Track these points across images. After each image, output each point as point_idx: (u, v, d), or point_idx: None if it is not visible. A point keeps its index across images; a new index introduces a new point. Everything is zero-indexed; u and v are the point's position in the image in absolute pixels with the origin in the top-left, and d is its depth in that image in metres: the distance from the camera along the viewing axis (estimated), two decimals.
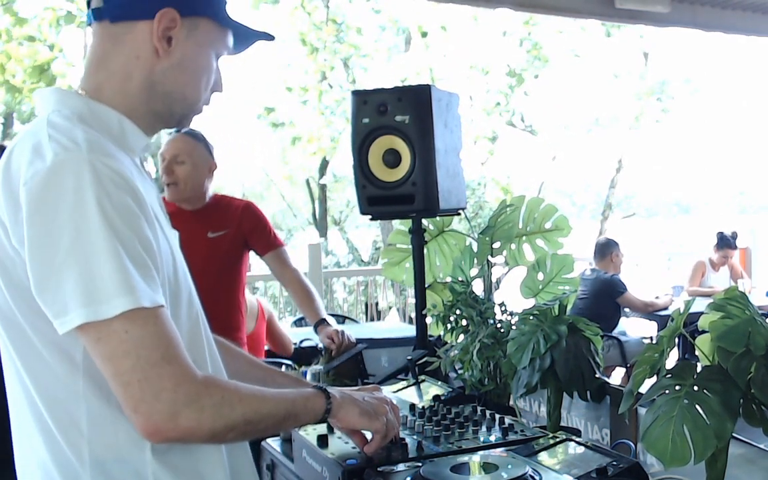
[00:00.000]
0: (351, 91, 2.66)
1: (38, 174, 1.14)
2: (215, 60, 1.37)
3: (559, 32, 12.98)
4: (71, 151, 1.16)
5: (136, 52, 1.29)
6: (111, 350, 1.12)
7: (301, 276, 3.13)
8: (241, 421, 1.21)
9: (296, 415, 1.34)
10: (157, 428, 1.14)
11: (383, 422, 1.48)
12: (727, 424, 1.31)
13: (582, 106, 14.74)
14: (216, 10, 1.35)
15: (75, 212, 1.13)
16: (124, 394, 1.14)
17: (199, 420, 1.16)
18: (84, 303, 1.11)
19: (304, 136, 12.49)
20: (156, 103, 1.33)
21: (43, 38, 10.44)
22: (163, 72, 1.31)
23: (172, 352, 1.16)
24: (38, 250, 1.13)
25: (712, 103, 17.38)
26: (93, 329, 1.12)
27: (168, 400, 1.13)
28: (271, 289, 9.16)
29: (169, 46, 1.30)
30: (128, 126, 1.31)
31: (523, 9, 7.21)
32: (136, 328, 1.13)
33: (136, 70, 1.30)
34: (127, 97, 1.30)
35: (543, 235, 2.42)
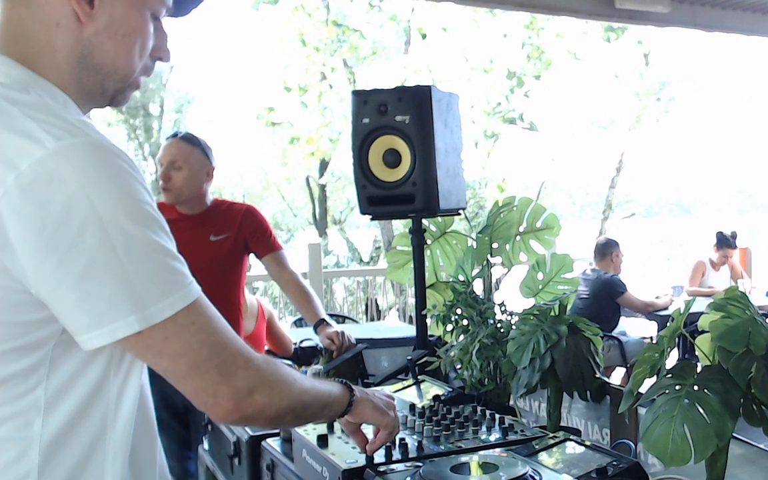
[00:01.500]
0: (351, 91, 2.66)
1: (40, 162, 0.97)
2: (152, 21, 1.16)
3: (560, 36, 12.99)
4: (74, 134, 1.00)
5: (54, 17, 1.09)
6: (183, 345, 1.05)
7: (299, 278, 3.14)
8: (298, 402, 1.21)
9: (331, 405, 1.35)
10: (236, 405, 1.10)
11: (392, 418, 1.49)
12: (728, 423, 1.31)
13: (582, 106, 14.76)
14: None
15: (98, 205, 0.98)
16: (201, 382, 1.08)
17: (270, 397, 1.14)
18: (133, 309, 1.00)
19: (303, 136, 12.50)
20: (86, 79, 1.13)
21: None
22: (89, 40, 1.11)
23: (233, 334, 1.13)
24: (54, 254, 0.98)
25: (712, 103, 17.43)
26: (154, 332, 1.03)
27: (245, 377, 1.10)
28: (271, 289, 9.17)
29: (92, 9, 1.10)
30: (71, 105, 1.12)
31: (523, 9, 7.21)
32: (200, 317, 1.07)
33: (58, 39, 1.10)
34: (60, 72, 1.11)
35: (535, 234, 2.42)
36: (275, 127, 13.04)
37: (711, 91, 17.04)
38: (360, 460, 1.52)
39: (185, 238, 2.99)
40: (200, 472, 2.64)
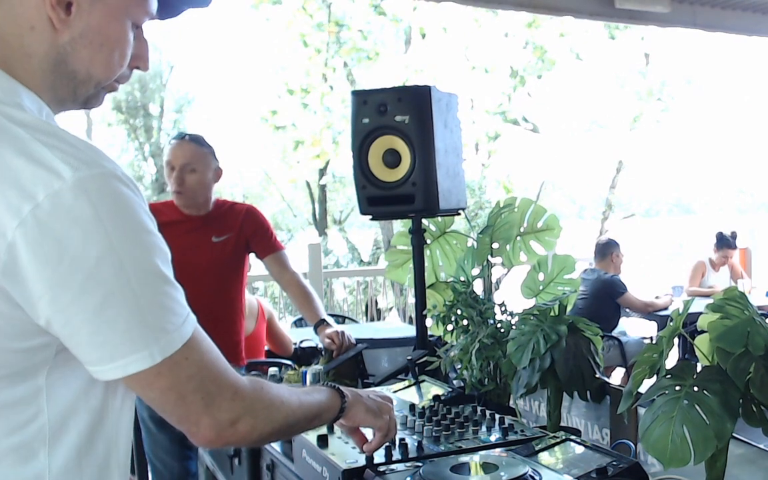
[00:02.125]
0: (351, 91, 2.66)
1: (59, 194, 0.95)
2: (132, 29, 1.12)
3: (562, 35, 12.98)
4: (90, 164, 0.98)
5: (29, 22, 1.05)
6: (174, 380, 1.05)
7: (300, 278, 3.14)
8: (284, 423, 1.23)
9: (321, 415, 1.35)
10: (218, 435, 1.12)
11: (386, 420, 1.48)
12: (727, 424, 1.31)
13: (583, 106, 14.76)
14: None
15: (115, 237, 0.98)
16: (185, 412, 1.09)
17: (254, 425, 1.16)
18: (145, 344, 1.01)
19: (307, 139, 12.49)
20: (60, 85, 1.09)
21: None
22: (63, 47, 1.06)
23: (223, 365, 1.13)
24: (72, 285, 0.96)
25: (712, 103, 17.41)
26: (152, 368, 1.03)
27: (228, 409, 1.12)
28: (272, 289, 9.17)
29: (68, 16, 1.05)
30: (46, 112, 1.09)
31: (524, 9, 7.22)
32: (194, 352, 1.07)
33: (32, 45, 1.05)
34: (33, 77, 1.07)
35: (535, 235, 2.42)
36: (279, 131, 13.05)
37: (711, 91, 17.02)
38: (360, 460, 1.52)
39: (188, 240, 3.02)
40: (200, 472, 2.64)
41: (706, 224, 14.07)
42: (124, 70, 1.14)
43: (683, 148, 19.31)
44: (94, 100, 1.15)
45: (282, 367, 2.83)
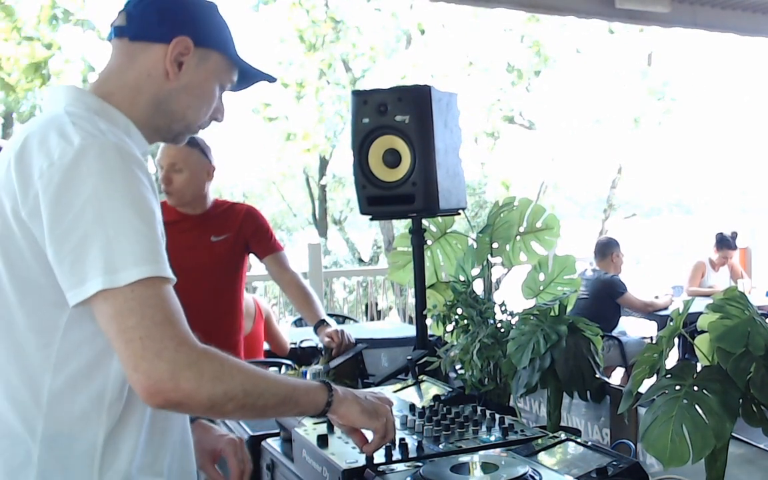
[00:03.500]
0: (351, 91, 2.66)
1: (67, 155, 1.22)
2: (219, 90, 1.49)
3: (563, 26, 12.95)
4: (98, 137, 1.25)
5: (148, 70, 1.41)
6: (116, 308, 1.18)
7: (300, 278, 3.14)
8: (240, 391, 1.25)
9: (297, 400, 1.36)
10: (158, 388, 1.17)
11: (383, 422, 1.48)
12: (727, 424, 1.31)
13: (583, 105, 14.73)
14: (227, 47, 1.48)
15: (101, 188, 1.20)
16: (125, 352, 1.17)
17: (199, 383, 1.19)
18: (103, 272, 1.17)
19: (299, 132, 12.48)
20: (158, 118, 1.44)
21: (40, 36, 10.45)
22: (169, 92, 1.42)
23: (175, 317, 1.21)
24: (62, 224, 1.19)
25: (713, 104, 17.41)
26: (101, 293, 1.18)
27: (169, 359, 1.17)
28: (271, 289, 9.17)
29: (179, 70, 1.42)
30: (133, 129, 1.40)
31: (523, 9, 7.21)
32: (143, 289, 1.19)
33: (146, 85, 1.41)
34: (134, 107, 1.41)
35: (535, 234, 2.42)
36: (271, 123, 13.01)
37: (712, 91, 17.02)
38: (360, 460, 1.52)
39: (186, 239, 3.02)
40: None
41: (706, 224, 14.07)
42: (208, 118, 1.51)
43: (684, 148, 19.31)
44: (181, 137, 1.51)
45: (282, 367, 2.83)
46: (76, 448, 1.27)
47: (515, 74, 13.26)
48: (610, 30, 13.28)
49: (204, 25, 1.46)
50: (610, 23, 12.10)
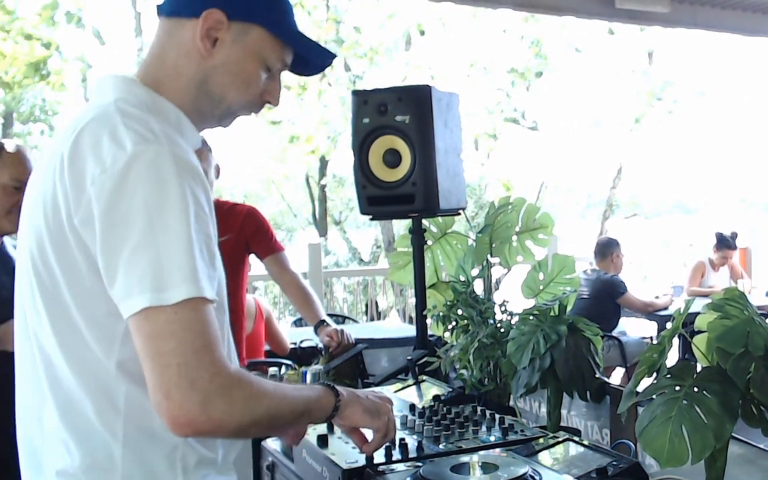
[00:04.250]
0: (351, 91, 2.66)
1: (119, 162, 1.16)
2: (264, 70, 1.36)
3: (563, 26, 12.94)
4: (151, 142, 1.18)
5: (185, 49, 1.32)
6: (157, 329, 1.13)
7: (300, 279, 3.14)
8: (265, 416, 1.23)
9: (310, 412, 1.36)
10: (188, 419, 1.13)
11: (385, 421, 1.48)
12: (726, 424, 1.31)
13: (585, 105, 14.72)
14: (271, 21, 1.35)
15: (153, 199, 1.15)
16: (160, 377, 1.13)
17: (230, 413, 1.16)
18: (151, 288, 1.13)
19: (302, 135, 12.48)
20: (202, 101, 1.35)
21: (39, 36, 10.46)
22: (206, 71, 1.32)
23: (214, 343, 1.17)
24: (113, 235, 1.15)
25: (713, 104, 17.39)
26: (145, 310, 1.13)
27: (202, 389, 1.13)
28: (271, 289, 9.18)
29: (213, 47, 1.31)
30: (184, 121, 1.33)
31: (523, 9, 7.21)
32: (186, 312, 1.14)
33: (185, 67, 1.32)
34: (179, 93, 1.33)
35: (530, 234, 2.42)
36: (275, 126, 13.01)
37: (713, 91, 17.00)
38: (360, 460, 1.52)
39: None
40: None
41: (708, 224, 14.06)
42: (255, 100, 1.39)
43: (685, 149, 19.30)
44: (228, 120, 1.41)
45: (282, 367, 2.83)
46: (157, 447, 1.24)
47: (516, 75, 13.25)
48: (610, 30, 13.27)
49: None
50: (610, 23, 12.10)
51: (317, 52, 1.43)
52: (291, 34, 1.38)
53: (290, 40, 1.38)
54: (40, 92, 12.32)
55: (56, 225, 1.21)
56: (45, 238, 1.23)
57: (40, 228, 1.24)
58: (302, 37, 1.39)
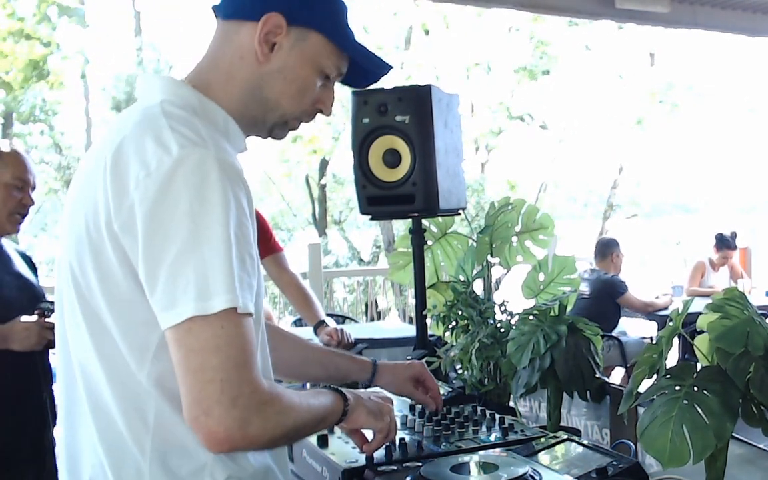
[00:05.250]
0: (351, 92, 2.66)
1: (164, 165, 1.13)
2: (320, 78, 1.34)
3: (569, 25, 12.95)
4: (198, 145, 1.16)
5: (240, 53, 1.29)
6: (203, 343, 1.11)
7: (299, 280, 3.15)
8: (292, 428, 1.22)
9: (326, 418, 1.36)
10: (227, 435, 1.11)
11: (387, 422, 1.49)
12: (727, 424, 1.31)
13: (586, 105, 14.73)
14: (330, 28, 1.32)
15: (198, 206, 1.12)
16: (200, 393, 1.11)
17: (265, 428, 1.15)
18: (196, 297, 1.10)
19: (305, 135, 12.48)
20: (254, 107, 1.32)
21: (38, 36, 10.47)
22: (262, 76, 1.30)
23: (253, 360, 1.15)
24: (156, 240, 1.12)
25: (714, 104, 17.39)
26: (189, 321, 1.11)
27: (243, 406, 1.12)
28: (271, 289, 9.18)
29: (271, 52, 1.29)
30: (232, 126, 1.30)
31: (523, 9, 7.21)
32: (232, 326, 1.12)
33: (239, 70, 1.30)
34: (230, 96, 1.30)
35: (530, 234, 2.42)
36: None
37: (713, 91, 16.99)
38: (360, 460, 1.52)
39: None
40: None
41: (707, 224, 14.06)
42: (307, 109, 1.36)
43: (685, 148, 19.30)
44: (280, 131, 1.38)
45: None
46: (185, 465, 1.21)
47: (521, 74, 13.25)
48: (619, 26, 13.26)
49: (303, 1, 1.30)
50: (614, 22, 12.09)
51: (374, 61, 1.40)
52: (349, 42, 1.35)
53: (348, 49, 1.35)
54: (39, 92, 12.33)
55: (96, 231, 1.18)
56: (84, 245, 1.20)
57: (81, 235, 1.21)
58: (359, 45, 1.37)
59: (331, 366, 1.75)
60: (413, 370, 1.79)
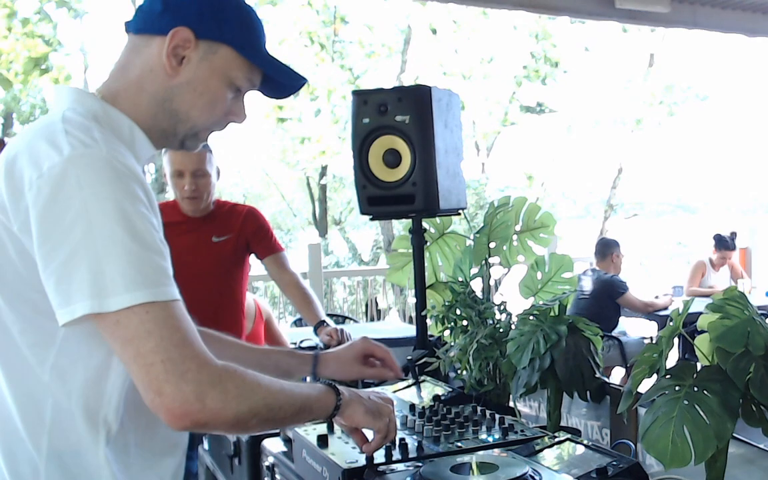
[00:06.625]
0: (351, 91, 2.66)
1: (56, 166, 1.15)
2: (231, 90, 1.36)
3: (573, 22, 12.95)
4: (89, 146, 1.18)
5: (150, 66, 1.32)
6: (133, 332, 1.13)
7: (300, 279, 3.15)
8: (262, 406, 1.23)
9: (310, 407, 1.36)
10: (184, 410, 1.14)
11: (386, 422, 1.48)
12: (727, 424, 1.31)
13: (587, 105, 14.74)
14: (240, 42, 1.34)
15: (92, 203, 1.14)
16: (147, 376, 1.14)
17: (225, 401, 1.17)
18: (91, 294, 1.12)
19: (313, 136, 12.48)
20: (163, 119, 1.34)
21: (40, 33, 10.48)
22: (171, 89, 1.32)
23: (191, 336, 1.17)
24: (50, 240, 1.14)
25: (714, 104, 17.43)
26: (110, 316, 1.13)
27: (193, 380, 1.14)
28: (271, 289, 9.18)
29: (180, 65, 1.31)
30: (138, 134, 1.32)
31: (523, 8, 7.21)
32: (157, 311, 1.15)
33: (148, 83, 1.32)
34: (138, 108, 1.32)
35: (531, 233, 2.42)
36: (283, 125, 13.01)
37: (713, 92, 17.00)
38: (360, 460, 1.52)
39: (189, 240, 3.03)
40: (200, 472, 2.64)
41: (708, 224, 14.06)
42: (220, 120, 1.39)
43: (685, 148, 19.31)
44: (191, 142, 1.40)
45: None
46: (81, 465, 1.24)
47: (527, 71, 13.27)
48: (624, 29, 13.26)
49: (211, 16, 1.32)
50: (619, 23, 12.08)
51: (287, 74, 1.41)
52: (260, 56, 1.37)
53: (259, 62, 1.37)
54: (40, 90, 12.33)
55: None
56: None
57: None
58: (271, 58, 1.39)
59: (270, 365, 1.74)
60: (355, 348, 1.82)
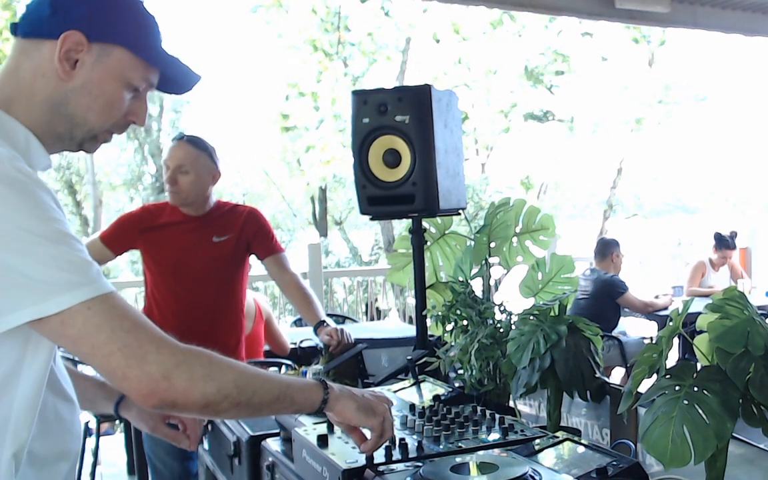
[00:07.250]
0: (351, 91, 2.66)
1: None
2: (128, 90, 1.33)
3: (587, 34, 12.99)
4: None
5: (42, 70, 1.28)
6: (82, 329, 1.14)
7: (300, 280, 3.15)
8: (233, 388, 1.24)
9: (291, 397, 1.36)
10: (152, 388, 1.16)
11: (380, 421, 1.48)
12: (727, 424, 1.31)
13: (586, 105, 14.74)
14: (134, 42, 1.32)
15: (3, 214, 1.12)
16: (108, 366, 1.15)
17: (191, 380, 1.19)
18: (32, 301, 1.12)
19: (318, 144, 12.48)
20: (58, 123, 1.31)
21: None
22: (65, 93, 1.29)
23: (142, 321, 1.19)
24: None
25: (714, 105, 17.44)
26: (52, 318, 1.13)
27: (155, 361, 1.16)
28: (272, 289, 9.19)
29: (73, 69, 1.28)
30: (33, 143, 1.29)
31: (523, 9, 7.21)
32: (97, 304, 1.15)
33: (41, 88, 1.28)
34: (32, 114, 1.29)
35: (531, 235, 2.42)
36: (288, 134, 13.02)
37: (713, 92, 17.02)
38: (360, 460, 1.52)
39: (188, 240, 3.04)
40: (200, 472, 2.64)
41: (708, 224, 14.05)
42: (119, 121, 1.35)
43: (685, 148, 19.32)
44: (90, 145, 1.36)
45: (282, 367, 2.83)
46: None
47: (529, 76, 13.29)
48: (635, 39, 13.28)
49: (103, 17, 1.29)
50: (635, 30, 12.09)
51: (183, 71, 1.39)
52: (155, 55, 1.35)
53: (153, 60, 1.35)
54: None
55: None
56: None
57: None
58: (166, 56, 1.36)
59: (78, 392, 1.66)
60: None
